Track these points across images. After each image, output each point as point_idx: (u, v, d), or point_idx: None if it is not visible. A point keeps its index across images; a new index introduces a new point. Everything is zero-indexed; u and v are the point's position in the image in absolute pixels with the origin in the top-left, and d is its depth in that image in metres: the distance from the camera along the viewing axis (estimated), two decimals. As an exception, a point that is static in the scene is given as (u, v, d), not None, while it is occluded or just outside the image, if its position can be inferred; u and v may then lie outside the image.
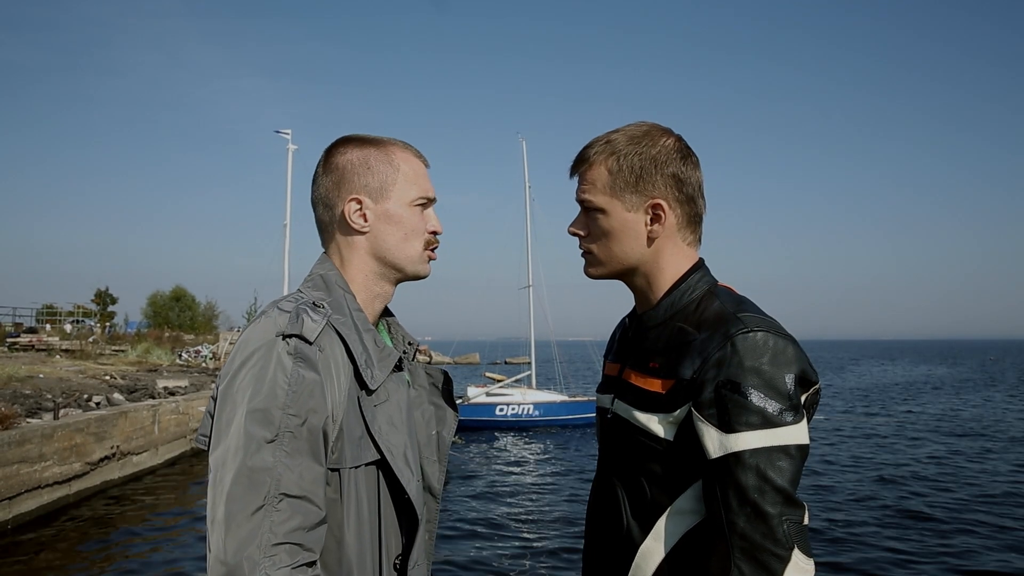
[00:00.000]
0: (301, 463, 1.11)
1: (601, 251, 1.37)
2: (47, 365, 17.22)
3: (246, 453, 1.09)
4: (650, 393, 1.28)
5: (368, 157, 1.33)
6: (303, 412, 1.12)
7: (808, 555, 1.14)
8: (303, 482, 1.11)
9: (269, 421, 1.10)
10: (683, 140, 1.37)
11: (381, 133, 1.40)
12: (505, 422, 21.44)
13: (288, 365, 1.13)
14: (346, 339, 1.22)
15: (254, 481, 1.08)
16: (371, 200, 1.32)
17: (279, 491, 1.09)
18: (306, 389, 1.13)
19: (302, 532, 1.09)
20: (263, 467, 1.09)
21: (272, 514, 1.07)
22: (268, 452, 1.09)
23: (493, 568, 8.26)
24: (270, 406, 1.10)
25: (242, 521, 1.06)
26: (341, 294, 1.29)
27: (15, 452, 8.77)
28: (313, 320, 1.19)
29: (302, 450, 1.12)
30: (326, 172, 1.34)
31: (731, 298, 1.30)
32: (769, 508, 1.13)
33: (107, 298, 39.28)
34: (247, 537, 1.06)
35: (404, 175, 1.34)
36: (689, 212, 1.36)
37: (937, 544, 8.96)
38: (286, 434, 1.11)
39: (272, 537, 1.07)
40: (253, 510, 1.07)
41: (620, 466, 1.34)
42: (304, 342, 1.16)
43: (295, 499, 1.10)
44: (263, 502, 1.08)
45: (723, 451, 1.16)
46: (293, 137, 24.30)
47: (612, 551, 1.33)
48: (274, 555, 1.06)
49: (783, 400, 1.16)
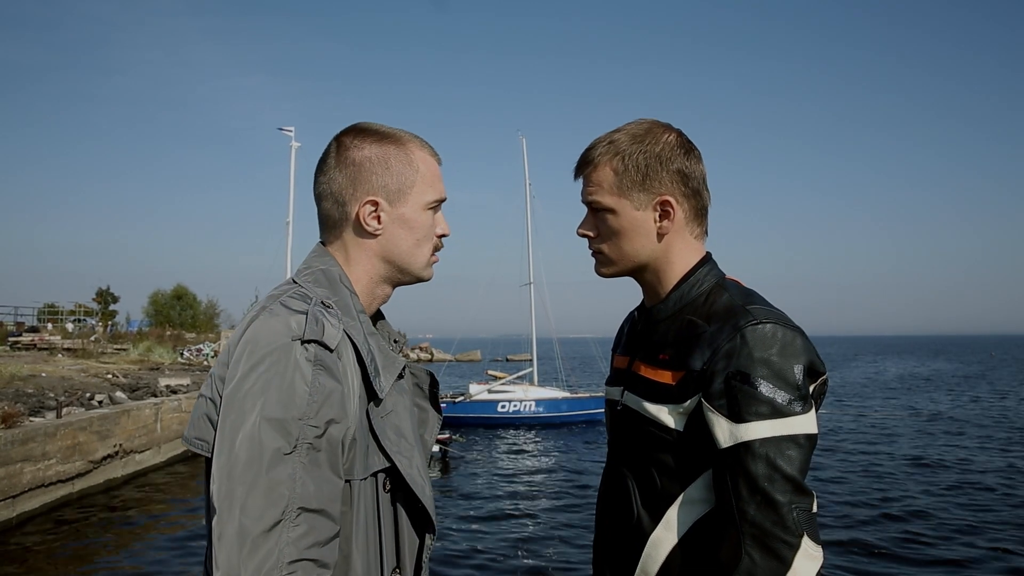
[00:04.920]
0: (320, 475, 1.05)
1: (612, 250, 1.38)
2: (49, 364, 17.25)
3: (261, 465, 1.01)
4: (660, 384, 1.29)
5: (387, 155, 1.25)
6: (323, 423, 1.06)
7: (817, 542, 1.16)
8: (321, 495, 1.05)
9: (287, 432, 1.03)
10: (684, 135, 1.38)
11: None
12: (507, 419, 21.49)
13: (308, 373, 1.06)
14: (358, 345, 1.16)
15: (271, 495, 1.01)
16: (387, 203, 1.25)
17: (297, 505, 1.02)
18: (327, 399, 1.07)
19: (318, 548, 1.04)
20: (280, 480, 1.02)
21: (291, 530, 1.01)
22: (287, 464, 1.02)
23: (500, 562, 8.28)
24: (288, 416, 1.03)
25: (258, 537, 0.99)
26: (347, 294, 1.22)
27: (18, 451, 8.81)
28: (332, 326, 1.12)
29: (321, 462, 1.05)
30: (339, 166, 1.25)
31: (740, 291, 1.32)
32: (779, 496, 1.14)
33: (108, 297, 39.32)
34: (265, 555, 0.99)
35: (423, 177, 1.27)
36: (696, 205, 1.38)
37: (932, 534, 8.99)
38: (304, 445, 1.04)
39: (290, 554, 1.00)
40: (270, 525, 1.00)
41: (630, 457, 1.36)
42: (325, 349, 1.09)
43: (313, 513, 1.03)
44: (281, 517, 1.01)
45: (733, 441, 1.18)
46: (296, 135, 24.35)
47: (623, 541, 1.35)
48: (293, 572, 1.00)
49: (792, 390, 1.18)
